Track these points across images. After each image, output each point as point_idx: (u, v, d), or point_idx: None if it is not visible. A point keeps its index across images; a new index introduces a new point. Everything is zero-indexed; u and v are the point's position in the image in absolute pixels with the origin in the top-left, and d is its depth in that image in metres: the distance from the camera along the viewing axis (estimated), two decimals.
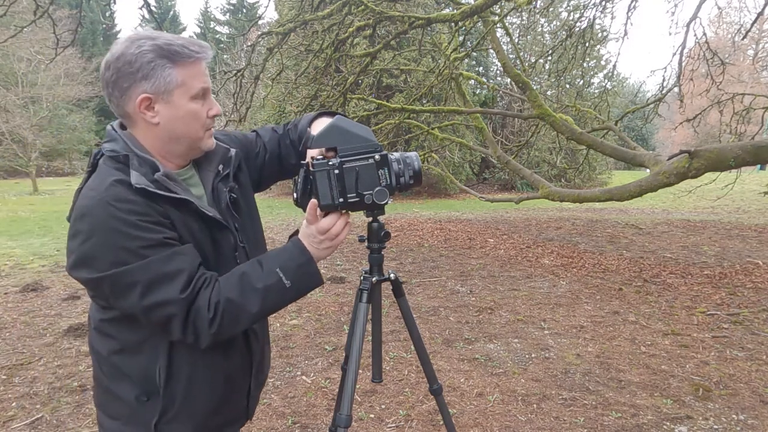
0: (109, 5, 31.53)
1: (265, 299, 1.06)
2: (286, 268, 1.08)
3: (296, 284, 1.08)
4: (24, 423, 2.80)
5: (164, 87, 1.04)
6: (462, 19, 6.06)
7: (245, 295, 1.04)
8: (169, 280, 0.99)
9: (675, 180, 5.04)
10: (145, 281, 0.98)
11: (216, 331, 1.03)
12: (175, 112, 1.06)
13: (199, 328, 1.02)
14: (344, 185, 1.12)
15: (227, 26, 41.41)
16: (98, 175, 1.06)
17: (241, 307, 1.04)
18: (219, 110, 1.13)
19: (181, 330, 1.02)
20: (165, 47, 1.03)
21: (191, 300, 1.01)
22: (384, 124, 8.89)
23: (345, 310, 4.72)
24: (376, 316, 1.49)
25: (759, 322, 4.30)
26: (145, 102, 1.04)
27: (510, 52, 13.17)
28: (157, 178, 1.04)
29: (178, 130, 1.08)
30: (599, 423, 2.75)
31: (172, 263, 1.00)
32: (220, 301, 1.03)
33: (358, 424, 2.76)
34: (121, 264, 0.97)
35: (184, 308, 1.01)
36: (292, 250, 1.11)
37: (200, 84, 1.07)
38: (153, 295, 0.99)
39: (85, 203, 1.00)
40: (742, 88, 17.45)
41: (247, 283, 1.05)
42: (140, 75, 1.02)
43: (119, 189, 1.00)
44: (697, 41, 6.37)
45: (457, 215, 12.74)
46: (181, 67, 1.04)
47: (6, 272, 6.45)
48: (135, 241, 0.97)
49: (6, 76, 20.72)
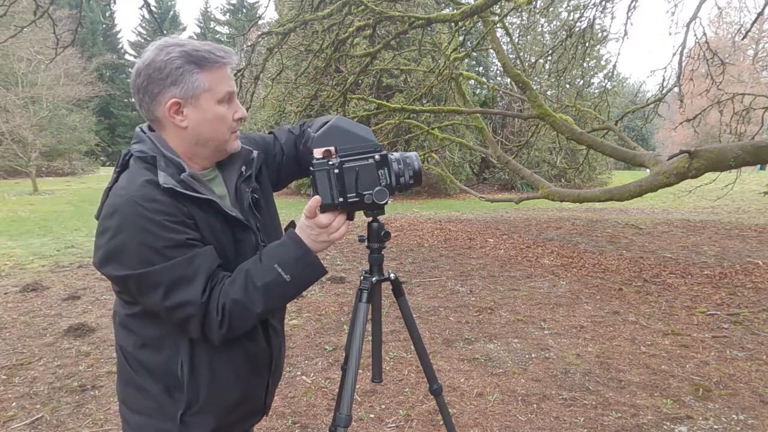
0: (109, 5, 31.55)
1: (268, 297, 1.08)
2: (284, 263, 1.09)
3: (296, 278, 1.10)
4: (24, 423, 2.80)
5: (192, 92, 1.08)
6: (462, 19, 6.07)
7: (248, 294, 1.06)
8: (188, 283, 1.03)
9: (675, 180, 5.04)
10: (167, 282, 1.02)
11: (226, 332, 1.07)
12: (202, 115, 1.10)
13: (211, 329, 1.07)
14: (344, 185, 1.12)
15: (227, 26, 41.43)
16: (129, 174, 1.10)
17: (245, 306, 1.06)
18: (244, 113, 1.16)
19: (199, 330, 1.06)
20: (192, 53, 1.07)
21: (207, 303, 1.05)
22: (384, 124, 8.89)
23: (345, 310, 4.72)
24: (376, 316, 1.49)
25: (759, 322, 4.30)
26: (175, 106, 1.08)
27: (510, 52, 13.18)
28: (183, 178, 1.08)
29: (205, 133, 1.12)
30: (599, 423, 2.75)
31: (193, 265, 1.04)
32: (226, 303, 1.06)
33: (358, 424, 2.76)
34: (147, 263, 1.01)
35: (202, 310, 1.05)
36: (288, 244, 1.12)
37: (226, 88, 1.11)
38: (175, 296, 1.03)
39: (114, 201, 1.04)
40: (742, 88, 17.45)
41: (250, 281, 1.07)
42: (169, 81, 1.06)
43: (148, 189, 1.04)
44: (697, 41, 6.37)
45: (457, 215, 12.74)
46: (207, 72, 1.08)
47: (6, 272, 6.45)
48: (160, 240, 1.01)
49: (6, 76, 20.73)
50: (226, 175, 1.24)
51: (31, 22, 5.48)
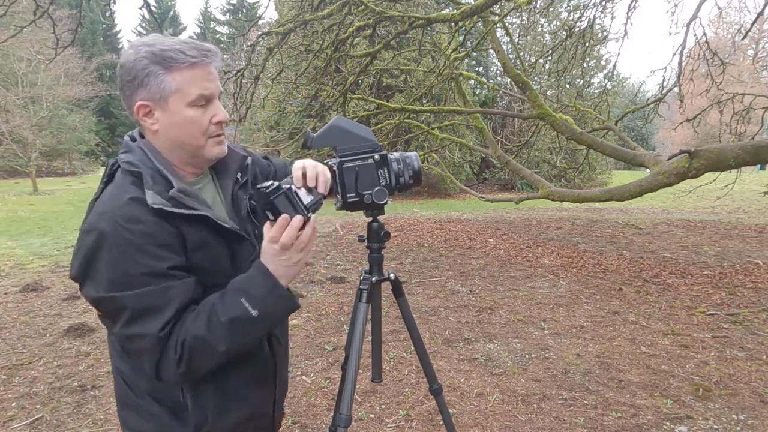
0: (109, 5, 31.54)
1: (232, 334, 0.99)
2: (251, 297, 1.00)
3: (264, 313, 1.00)
4: (24, 423, 2.79)
5: (159, 93, 1.02)
6: (462, 19, 6.06)
7: (211, 330, 0.97)
8: (154, 315, 0.96)
9: (675, 180, 5.04)
10: (133, 310, 0.95)
11: (184, 371, 0.98)
12: (171, 118, 1.04)
13: (167, 367, 0.98)
14: (344, 185, 1.12)
15: (227, 26, 41.41)
16: (114, 188, 1.03)
17: (207, 344, 0.97)
18: (224, 117, 1.08)
19: (153, 367, 0.99)
20: (158, 53, 1.01)
21: (165, 340, 0.97)
22: (384, 124, 8.89)
23: (345, 310, 4.72)
24: (375, 316, 1.49)
25: (759, 322, 4.30)
26: (143, 109, 1.04)
27: (510, 52, 13.17)
28: (173, 195, 1.01)
29: (176, 137, 1.06)
30: (599, 423, 2.75)
31: (165, 296, 0.97)
32: (187, 340, 0.97)
33: (358, 424, 2.76)
34: (119, 287, 0.95)
35: (158, 346, 0.97)
36: (255, 276, 1.03)
37: (197, 90, 1.03)
38: (134, 325, 0.96)
39: (94, 219, 0.98)
40: (742, 88, 17.45)
41: (214, 316, 0.98)
42: (137, 83, 1.02)
43: (132, 208, 0.97)
44: (697, 41, 6.37)
45: (457, 215, 12.74)
46: (175, 73, 1.02)
47: (6, 272, 6.45)
48: (137, 267, 0.95)
49: (6, 76, 20.72)
50: (222, 182, 1.18)
51: (31, 21, 5.48)
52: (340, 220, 10.60)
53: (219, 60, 1.08)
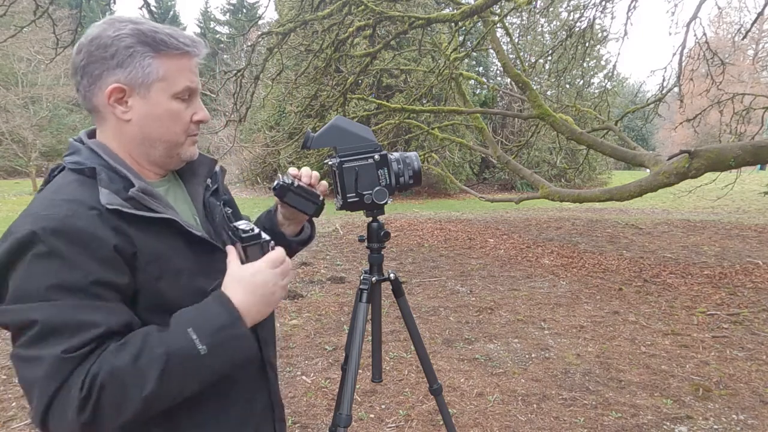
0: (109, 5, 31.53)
1: (167, 372, 0.77)
2: (200, 329, 0.80)
3: (214, 351, 0.81)
4: (24, 423, 2.79)
5: (141, 78, 0.89)
6: (462, 19, 6.07)
7: (138, 364, 0.75)
8: (64, 335, 0.75)
9: (675, 180, 5.04)
10: (44, 325, 0.75)
11: (88, 419, 0.73)
12: (151, 109, 0.91)
13: (63, 411, 0.74)
14: (344, 185, 1.12)
15: (227, 26, 41.41)
16: (47, 191, 0.88)
17: (127, 383, 0.75)
18: (205, 116, 0.97)
19: (38, 408, 0.75)
20: (149, 34, 0.89)
21: (69, 368, 0.74)
22: (384, 124, 8.89)
23: (345, 310, 4.72)
24: (376, 316, 1.49)
25: (759, 322, 4.30)
26: (117, 93, 0.88)
27: (510, 52, 13.17)
28: (133, 194, 0.86)
29: (153, 131, 0.92)
30: (599, 423, 2.75)
31: (88, 315, 0.77)
32: (100, 374, 0.74)
33: (358, 424, 2.76)
34: (31, 298, 0.76)
35: (54, 377, 0.74)
36: (211, 307, 0.84)
37: (185, 82, 0.92)
38: (36, 346, 0.75)
39: (16, 223, 0.81)
40: (742, 88, 17.44)
41: (146, 347, 0.77)
42: (115, 61, 0.87)
43: (64, 210, 0.80)
44: (697, 41, 6.37)
45: (457, 215, 12.74)
46: (165, 59, 0.90)
47: None
48: (47, 279, 0.76)
49: (6, 76, 20.73)
50: (190, 188, 1.04)
51: (31, 21, 5.48)
52: (340, 220, 10.61)
53: (203, 53, 0.98)
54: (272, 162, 17.01)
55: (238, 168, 20.31)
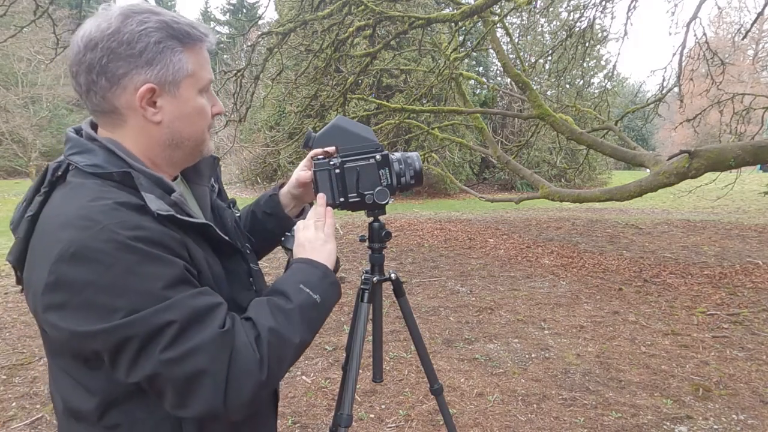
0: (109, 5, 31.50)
1: (305, 321, 0.85)
2: (308, 283, 0.89)
3: (324, 298, 0.90)
4: (24, 423, 2.79)
5: (172, 76, 0.82)
6: (462, 19, 6.06)
7: (280, 320, 0.82)
8: (207, 317, 0.75)
9: (675, 180, 5.04)
10: (183, 320, 0.72)
11: (267, 377, 0.77)
12: (181, 108, 0.85)
13: (243, 382, 0.75)
14: (345, 185, 1.12)
15: (227, 26, 41.40)
16: (74, 193, 0.78)
17: (282, 336, 0.81)
18: (222, 108, 0.94)
19: (215, 391, 0.73)
20: (174, 26, 0.82)
21: (231, 339, 0.76)
22: (384, 124, 8.89)
23: (345, 310, 4.72)
24: (376, 316, 1.49)
25: (759, 322, 4.30)
26: (149, 94, 0.81)
27: (510, 52, 13.17)
28: (175, 200, 0.82)
29: (183, 131, 0.86)
30: (599, 423, 2.75)
31: (210, 294, 0.79)
32: (261, 335, 0.79)
33: (358, 424, 2.76)
34: (146, 303, 0.72)
35: (223, 352, 0.74)
36: (302, 267, 0.93)
37: (208, 74, 0.88)
38: (184, 339, 0.72)
39: (73, 237, 0.71)
40: (742, 88, 17.45)
41: (277, 307, 0.84)
42: (144, 59, 0.79)
43: (124, 213, 0.74)
44: (697, 41, 6.37)
45: (457, 215, 12.74)
46: (191, 52, 0.84)
47: (6, 272, 6.45)
48: (157, 281, 0.73)
49: (6, 76, 20.74)
50: (196, 189, 1.00)
51: (31, 21, 5.48)
52: (340, 220, 10.61)
53: (214, 42, 0.93)
54: (272, 162, 17.01)
55: (238, 168, 20.30)
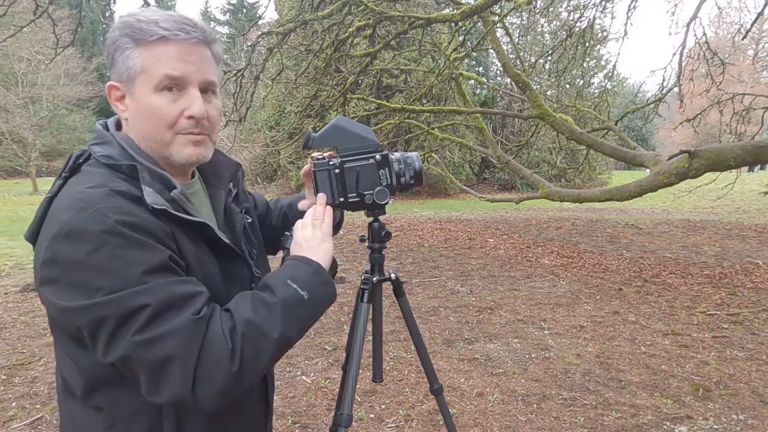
0: (109, 5, 31.57)
1: (287, 315, 0.83)
2: (297, 279, 0.88)
3: (313, 296, 0.88)
4: (24, 423, 2.79)
5: (126, 73, 0.84)
6: (462, 19, 6.06)
7: (260, 313, 0.81)
8: (183, 303, 0.76)
9: (675, 180, 5.04)
10: (158, 304, 0.74)
11: (238, 369, 0.77)
12: (136, 105, 0.86)
13: (213, 372, 0.75)
14: (345, 185, 1.12)
15: (227, 26, 41.40)
16: (82, 179, 0.82)
17: (260, 329, 0.80)
18: (198, 111, 0.86)
19: (183, 378, 0.74)
20: (132, 24, 0.82)
21: (204, 326, 0.77)
22: (384, 124, 8.89)
23: (345, 310, 4.72)
24: (376, 316, 1.49)
25: (759, 322, 4.30)
26: (114, 92, 0.87)
27: (510, 52, 13.17)
28: (174, 196, 0.85)
29: (143, 130, 0.87)
30: (599, 423, 2.75)
31: (191, 283, 0.80)
32: (236, 326, 0.79)
33: (358, 424, 2.76)
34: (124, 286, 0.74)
35: (195, 339, 0.75)
36: (294, 263, 0.93)
37: (165, 70, 0.82)
38: (157, 324, 0.74)
39: (69, 218, 0.75)
40: (742, 88, 17.46)
41: (260, 300, 0.83)
42: (110, 61, 0.85)
43: (119, 200, 0.78)
44: (697, 41, 6.37)
45: (457, 215, 12.74)
46: (143, 49, 0.83)
47: (6, 272, 6.45)
48: (139, 266, 0.75)
49: (6, 76, 20.74)
50: (212, 191, 1.02)
51: (31, 21, 5.47)
52: None
53: (209, 40, 0.88)
54: (272, 162, 17.02)
55: None
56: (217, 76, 0.91)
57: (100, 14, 29.72)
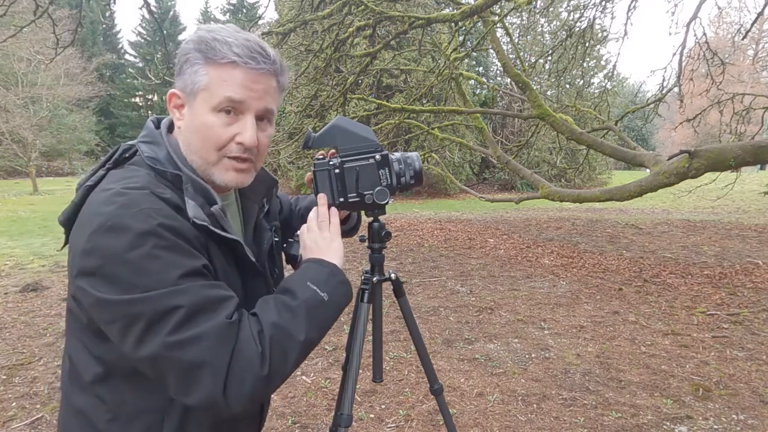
0: (109, 5, 31.55)
1: (311, 318, 0.84)
2: (316, 281, 0.89)
3: (332, 297, 0.90)
4: (24, 423, 2.79)
5: (190, 86, 0.86)
6: (462, 19, 6.06)
7: (285, 316, 0.82)
8: (216, 306, 0.77)
9: (675, 180, 5.04)
10: (190, 306, 0.75)
11: (268, 373, 0.77)
12: (191, 119, 0.88)
13: (243, 375, 0.76)
14: (345, 185, 1.12)
15: None
16: (128, 177, 0.84)
17: (287, 332, 0.81)
18: (250, 140, 0.87)
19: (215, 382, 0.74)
20: (207, 40, 0.85)
21: (236, 330, 0.78)
22: (384, 124, 8.89)
23: (345, 310, 4.71)
24: (376, 316, 1.49)
25: (759, 322, 4.30)
26: (174, 99, 0.90)
27: (510, 52, 13.17)
28: (215, 212, 0.87)
29: (192, 143, 0.89)
30: (599, 423, 2.75)
31: (223, 288, 0.82)
32: (264, 330, 0.80)
33: (358, 424, 2.76)
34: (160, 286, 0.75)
35: (227, 343, 0.76)
36: (311, 266, 0.94)
37: (226, 92, 0.84)
38: (189, 326, 0.74)
39: (113, 211, 0.76)
40: (742, 88, 17.45)
41: (282, 303, 0.85)
42: (178, 68, 0.88)
43: (163, 205, 0.80)
44: (697, 41, 6.37)
45: (457, 215, 12.74)
46: (212, 68, 0.85)
47: (6, 272, 6.45)
48: (177, 268, 0.76)
49: (6, 76, 20.74)
50: (246, 205, 1.03)
51: (31, 21, 5.48)
52: None
53: (277, 72, 0.90)
54: (272, 162, 17.00)
55: None
56: (277, 104, 0.93)
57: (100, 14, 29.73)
